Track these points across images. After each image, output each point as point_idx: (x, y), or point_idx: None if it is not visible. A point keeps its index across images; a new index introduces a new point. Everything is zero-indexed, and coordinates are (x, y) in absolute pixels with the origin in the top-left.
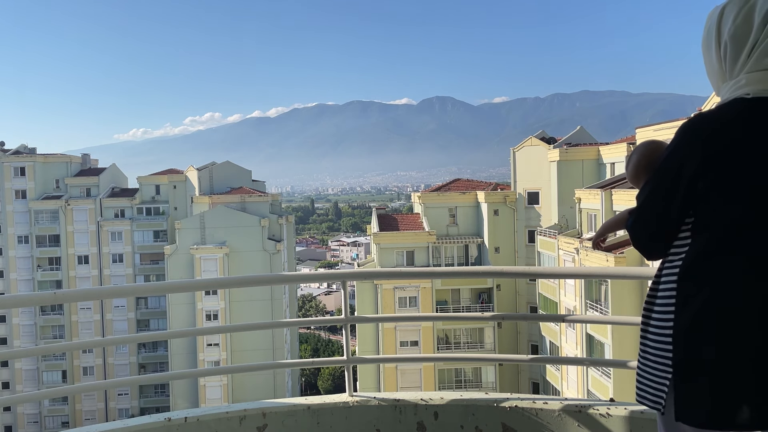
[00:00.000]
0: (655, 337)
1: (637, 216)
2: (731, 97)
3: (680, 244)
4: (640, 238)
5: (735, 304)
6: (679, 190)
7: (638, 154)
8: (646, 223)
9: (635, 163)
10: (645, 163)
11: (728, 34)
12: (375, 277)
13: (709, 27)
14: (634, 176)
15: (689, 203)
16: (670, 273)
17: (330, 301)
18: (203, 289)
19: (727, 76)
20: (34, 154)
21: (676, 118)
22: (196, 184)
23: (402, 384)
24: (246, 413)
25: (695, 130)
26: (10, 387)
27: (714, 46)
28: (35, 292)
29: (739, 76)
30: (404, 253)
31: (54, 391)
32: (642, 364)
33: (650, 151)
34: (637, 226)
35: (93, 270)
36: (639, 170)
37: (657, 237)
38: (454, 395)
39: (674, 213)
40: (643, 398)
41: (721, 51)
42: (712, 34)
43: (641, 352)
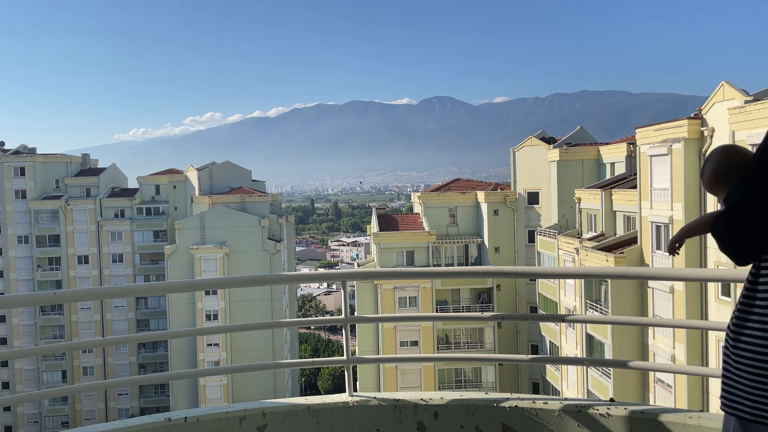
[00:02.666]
0: (756, 348)
1: (727, 220)
2: None
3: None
4: (731, 242)
5: None
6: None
7: (715, 161)
8: (741, 226)
9: (712, 169)
10: (724, 168)
11: None
12: (375, 277)
13: None
14: (712, 183)
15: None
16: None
17: (330, 301)
18: (203, 289)
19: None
20: (34, 154)
21: (676, 118)
22: (196, 184)
23: (402, 384)
24: (246, 413)
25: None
26: (10, 387)
27: None
28: (35, 292)
29: None
30: (404, 253)
31: (54, 391)
32: (736, 375)
33: (728, 156)
34: (730, 230)
35: (93, 270)
36: (718, 176)
37: (751, 241)
38: (454, 395)
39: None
40: (738, 410)
41: None
42: None
43: (734, 361)
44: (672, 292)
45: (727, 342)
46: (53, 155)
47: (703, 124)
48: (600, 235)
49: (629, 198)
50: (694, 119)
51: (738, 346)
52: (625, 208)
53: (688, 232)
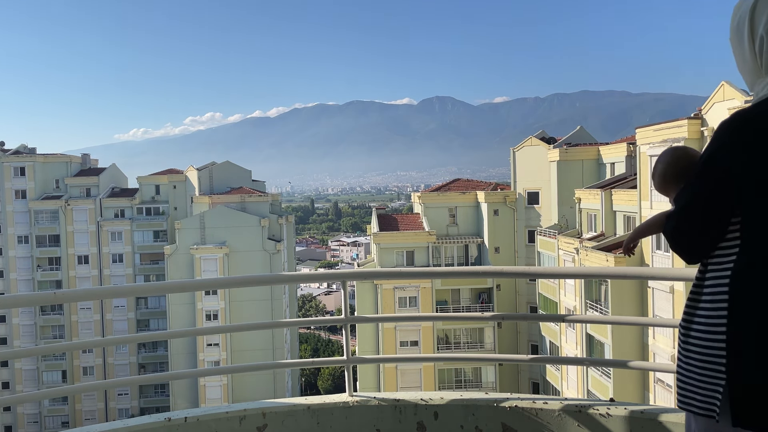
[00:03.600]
0: (702, 342)
1: (679, 219)
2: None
3: (728, 245)
4: (682, 241)
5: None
6: (726, 190)
7: (665, 162)
8: (691, 225)
9: (663, 170)
10: (674, 170)
11: (765, 29)
12: (375, 277)
13: (739, 21)
14: (662, 183)
15: (737, 204)
16: (719, 276)
17: (330, 301)
18: (203, 289)
19: (763, 71)
20: (34, 154)
21: (676, 117)
22: (196, 184)
23: (402, 384)
24: (246, 413)
25: (740, 128)
26: (10, 387)
27: (747, 40)
28: (35, 292)
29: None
30: (404, 253)
31: (54, 391)
32: (686, 371)
33: (678, 158)
34: (681, 229)
35: (93, 270)
36: (668, 177)
37: (702, 240)
38: (454, 395)
39: (722, 214)
40: (690, 405)
41: (756, 46)
42: (744, 29)
43: (684, 358)
44: (672, 292)
45: (679, 339)
46: (53, 155)
47: (704, 124)
48: (600, 235)
49: (629, 198)
50: (695, 119)
51: (688, 342)
52: (625, 208)
53: (642, 233)
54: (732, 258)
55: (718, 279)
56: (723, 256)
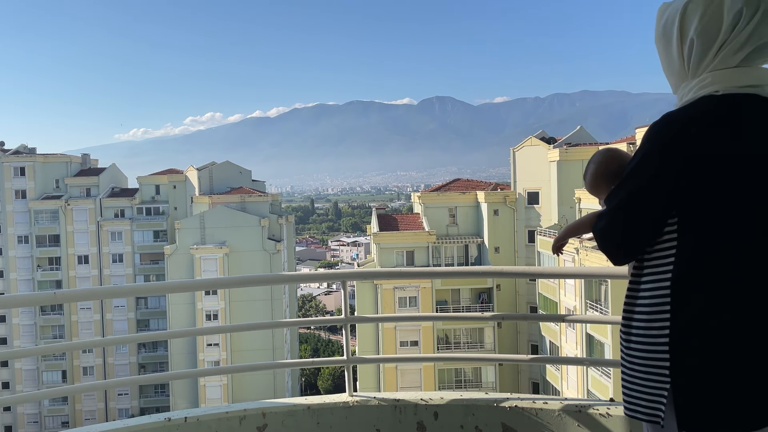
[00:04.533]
0: (644, 347)
1: (609, 219)
2: (698, 95)
3: (665, 246)
4: (610, 242)
5: (734, 307)
6: (660, 190)
7: (597, 162)
8: (623, 226)
9: (594, 171)
10: (604, 170)
11: (695, 32)
12: (375, 277)
13: (667, 23)
14: (593, 184)
15: (671, 204)
16: (658, 278)
17: (330, 301)
18: (203, 289)
19: (689, 74)
20: (34, 154)
21: None
22: (196, 184)
23: (402, 384)
24: (246, 413)
25: (672, 129)
26: (10, 387)
27: (676, 43)
28: (35, 292)
29: (704, 74)
30: (404, 253)
31: (54, 391)
32: (630, 376)
33: (609, 159)
34: (612, 229)
35: (93, 270)
36: (599, 177)
37: (632, 242)
38: (454, 395)
39: (657, 214)
40: (636, 411)
41: (686, 48)
42: (673, 31)
43: (627, 363)
44: None
45: (621, 343)
46: (53, 155)
47: None
48: None
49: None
50: None
51: (630, 346)
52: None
53: (571, 232)
54: (670, 260)
55: (657, 281)
56: (661, 258)
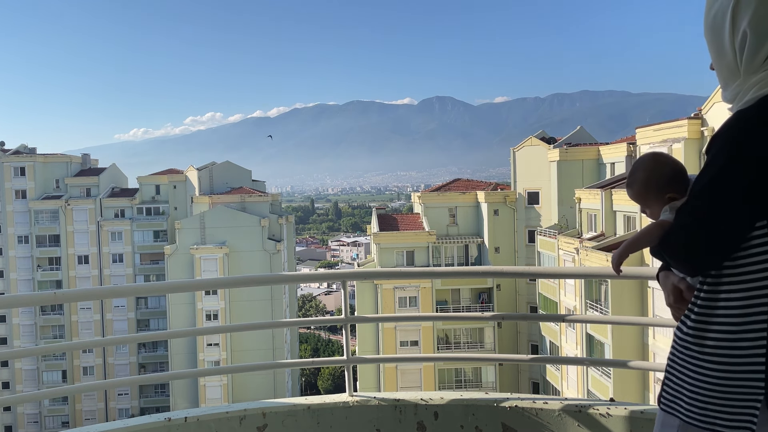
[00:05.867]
0: (729, 358)
1: (693, 235)
2: (763, 93)
3: (757, 252)
4: (695, 257)
5: None
6: (748, 199)
7: (647, 169)
8: (707, 242)
9: (645, 178)
10: (657, 176)
11: (749, 24)
12: (375, 277)
13: (717, 13)
14: (642, 192)
15: (761, 211)
16: (749, 285)
17: (330, 301)
18: (203, 289)
19: (741, 70)
20: (34, 154)
21: (676, 118)
22: (196, 184)
23: (402, 384)
24: (246, 413)
25: (754, 132)
26: (10, 387)
27: (728, 35)
28: (35, 292)
29: (766, 70)
30: (404, 253)
31: (54, 391)
32: (705, 389)
33: (660, 164)
34: (695, 245)
35: (93, 270)
36: (649, 185)
37: (717, 257)
38: (454, 395)
39: (744, 224)
40: (719, 425)
41: (737, 41)
42: (725, 22)
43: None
44: None
45: (684, 356)
46: (53, 155)
47: (704, 124)
48: (600, 235)
49: (629, 198)
50: (695, 119)
51: (704, 359)
52: (625, 208)
53: (633, 246)
54: (764, 265)
55: (748, 288)
56: (751, 264)
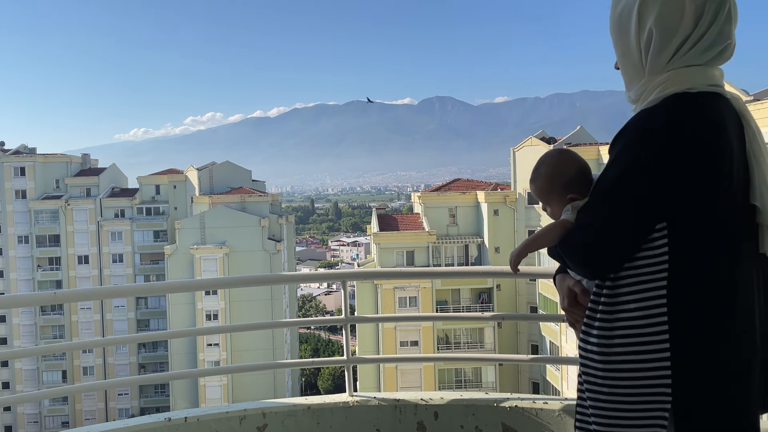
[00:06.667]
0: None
1: (594, 234)
2: (668, 93)
3: (654, 254)
4: (594, 258)
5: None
6: (649, 206)
7: (552, 165)
8: (609, 242)
9: (550, 174)
10: (561, 173)
11: (654, 21)
12: (375, 277)
13: (623, 10)
14: (546, 189)
15: (662, 214)
16: (647, 287)
17: (330, 301)
18: (203, 289)
19: (646, 69)
20: (34, 154)
21: None
22: (196, 184)
23: (402, 384)
24: (246, 413)
25: (652, 131)
26: (10, 387)
27: (634, 32)
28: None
29: (671, 71)
30: (404, 253)
31: (54, 391)
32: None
33: (566, 161)
34: (597, 245)
35: (93, 270)
36: (554, 183)
37: (618, 258)
38: (454, 395)
39: (646, 226)
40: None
41: (643, 39)
42: (631, 19)
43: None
44: None
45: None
46: (53, 155)
47: None
48: None
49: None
50: None
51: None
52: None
53: (531, 246)
54: (663, 266)
55: (646, 290)
56: (649, 266)
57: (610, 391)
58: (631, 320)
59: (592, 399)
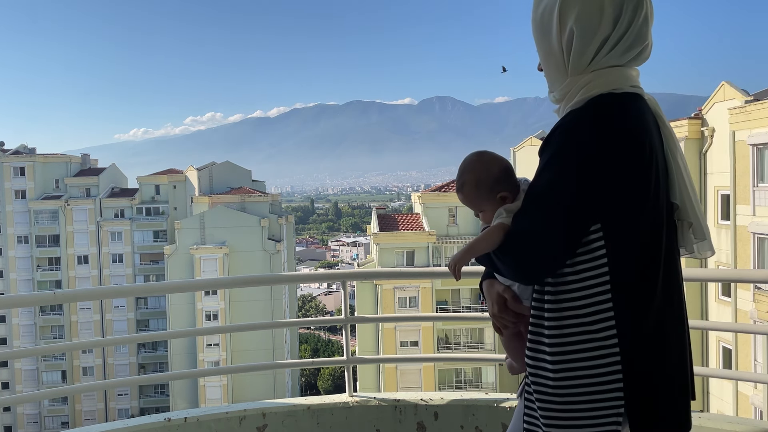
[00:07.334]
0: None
1: (531, 240)
2: (593, 94)
3: (593, 257)
4: (530, 263)
5: (662, 313)
6: (583, 209)
7: (477, 170)
8: (550, 242)
9: (476, 179)
10: (487, 176)
11: (575, 21)
12: (375, 277)
13: (544, 10)
14: (474, 194)
15: (596, 215)
16: (591, 291)
17: (330, 301)
18: (203, 289)
19: (569, 69)
20: (33, 154)
21: (676, 118)
22: (196, 184)
23: (402, 384)
24: (246, 413)
25: (581, 134)
26: (9, 387)
27: (555, 32)
28: (35, 292)
29: (595, 72)
30: (404, 253)
31: (54, 391)
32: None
33: (489, 164)
34: (533, 250)
35: (93, 270)
36: (481, 186)
37: (555, 263)
38: (454, 395)
39: (582, 228)
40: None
41: (565, 39)
42: (553, 18)
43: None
44: None
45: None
46: (53, 155)
47: (704, 124)
48: None
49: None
50: (695, 119)
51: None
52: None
53: (471, 251)
54: (603, 270)
55: (591, 294)
56: (590, 269)
57: (563, 399)
58: (582, 325)
59: (543, 408)
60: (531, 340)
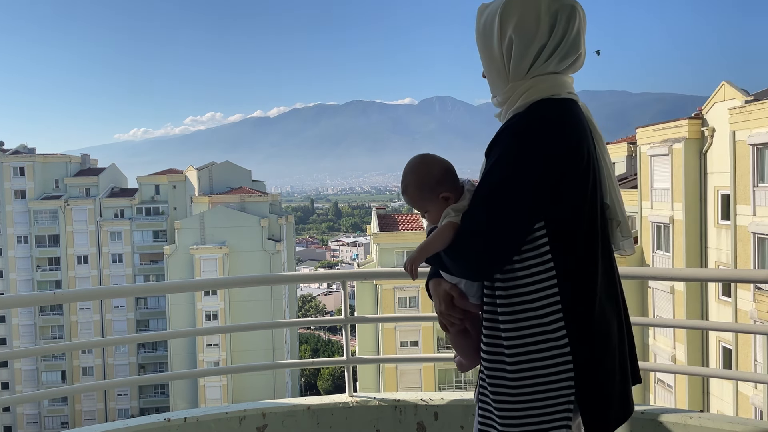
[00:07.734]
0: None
1: (483, 236)
2: (534, 99)
3: (539, 253)
4: (482, 259)
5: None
6: (535, 198)
7: (419, 172)
8: (495, 244)
9: (419, 181)
10: (430, 178)
11: (514, 29)
12: (375, 277)
13: (487, 20)
14: (419, 196)
15: (542, 212)
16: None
17: (330, 301)
18: (203, 289)
19: (510, 75)
20: (33, 154)
21: (676, 117)
22: (196, 184)
23: (402, 384)
24: (246, 413)
25: (525, 137)
26: (9, 387)
27: (496, 40)
28: (35, 292)
29: (535, 78)
30: (404, 253)
31: (54, 391)
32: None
33: (430, 165)
34: (486, 247)
35: (93, 270)
36: (424, 187)
37: (511, 251)
38: (454, 395)
39: (526, 230)
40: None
41: (505, 46)
42: (494, 27)
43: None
44: (672, 292)
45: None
46: (53, 155)
47: (704, 124)
48: None
49: (629, 198)
50: (695, 119)
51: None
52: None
53: (426, 250)
54: (549, 265)
55: (540, 290)
56: (537, 265)
57: (519, 392)
58: (535, 318)
59: (499, 401)
60: (487, 335)
